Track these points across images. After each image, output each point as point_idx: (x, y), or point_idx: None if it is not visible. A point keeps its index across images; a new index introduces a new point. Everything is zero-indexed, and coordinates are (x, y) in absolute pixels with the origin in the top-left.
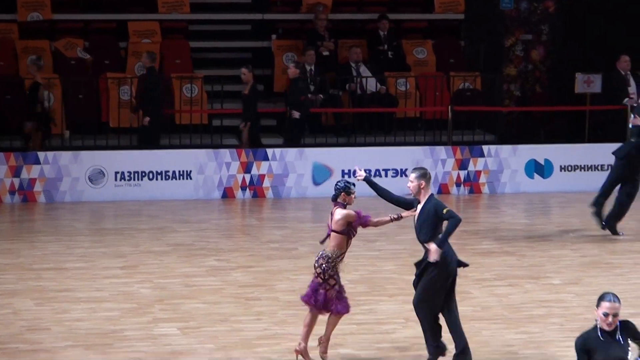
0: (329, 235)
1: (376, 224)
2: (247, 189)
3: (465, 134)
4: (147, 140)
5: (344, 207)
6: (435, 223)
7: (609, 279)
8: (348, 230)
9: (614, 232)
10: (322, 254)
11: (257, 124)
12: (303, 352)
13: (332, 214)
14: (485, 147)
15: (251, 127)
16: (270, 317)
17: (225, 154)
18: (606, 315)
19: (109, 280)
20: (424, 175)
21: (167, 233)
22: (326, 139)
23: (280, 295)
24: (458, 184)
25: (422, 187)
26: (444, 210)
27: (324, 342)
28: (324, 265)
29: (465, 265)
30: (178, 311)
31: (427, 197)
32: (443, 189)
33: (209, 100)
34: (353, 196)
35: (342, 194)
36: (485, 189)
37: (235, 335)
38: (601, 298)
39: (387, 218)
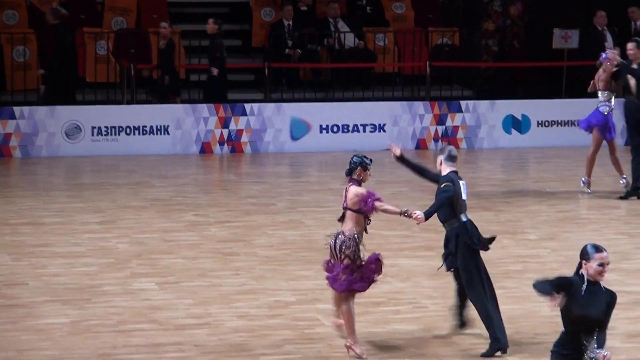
0: (344, 213)
1: (383, 210)
2: (225, 144)
3: (444, 89)
4: (53, 99)
5: (359, 183)
6: (451, 202)
7: (584, 234)
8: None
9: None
10: (338, 234)
11: (175, 78)
12: (353, 347)
13: (346, 191)
14: (463, 103)
15: (168, 81)
16: (248, 272)
17: (203, 108)
18: (602, 265)
19: (87, 235)
20: (441, 150)
21: (144, 188)
22: (304, 94)
23: (259, 251)
24: (436, 140)
25: (440, 161)
26: (443, 184)
27: (336, 317)
28: (342, 246)
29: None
30: (156, 266)
31: (445, 174)
32: (421, 144)
33: (186, 55)
34: (369, 172)
35: (359, 169)
36: (463, 144)
37: (213, 290)
38: (591, 251)
39: (397, 210)
